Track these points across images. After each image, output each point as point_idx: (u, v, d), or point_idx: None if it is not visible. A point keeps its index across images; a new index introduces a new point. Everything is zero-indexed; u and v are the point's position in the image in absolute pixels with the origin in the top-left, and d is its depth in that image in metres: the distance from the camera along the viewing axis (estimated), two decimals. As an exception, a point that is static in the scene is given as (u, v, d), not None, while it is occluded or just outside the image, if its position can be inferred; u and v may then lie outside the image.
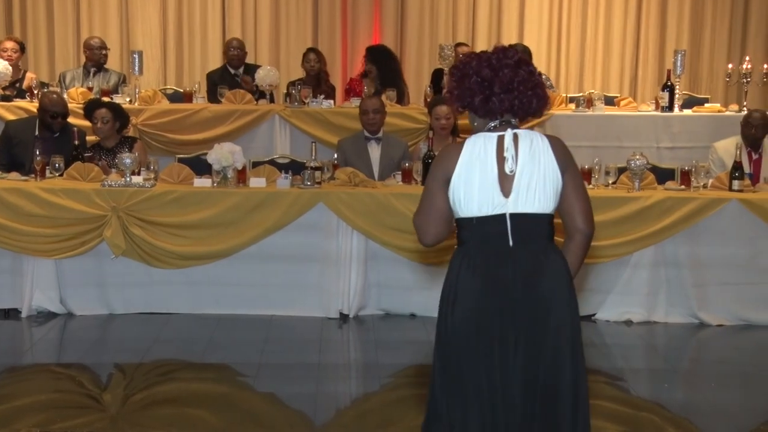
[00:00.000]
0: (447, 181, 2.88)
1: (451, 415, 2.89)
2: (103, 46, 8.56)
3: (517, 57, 2.93)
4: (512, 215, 2.85)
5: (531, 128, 3.04)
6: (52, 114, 6.72)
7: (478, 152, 2.87)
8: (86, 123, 6.87)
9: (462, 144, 2.91)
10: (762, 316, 6.03)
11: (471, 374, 2.86)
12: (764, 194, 6.08)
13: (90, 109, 6.69)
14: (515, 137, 2.87)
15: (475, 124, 2.99)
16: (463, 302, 2.86)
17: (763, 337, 5.88)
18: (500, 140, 2.88)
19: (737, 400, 4.76)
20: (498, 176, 2.85)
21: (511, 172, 2.84)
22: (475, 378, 2.86)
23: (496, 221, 2.85)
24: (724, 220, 5.97)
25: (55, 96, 6.94)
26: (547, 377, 2.87)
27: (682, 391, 5.04)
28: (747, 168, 6.59)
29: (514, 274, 2.85)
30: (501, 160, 2.85)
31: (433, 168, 2.96)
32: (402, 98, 8.19)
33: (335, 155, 6.74)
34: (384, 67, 8.35)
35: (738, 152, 6.26)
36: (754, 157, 6.84)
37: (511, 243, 2.86)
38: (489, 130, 2.92)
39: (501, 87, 2.87)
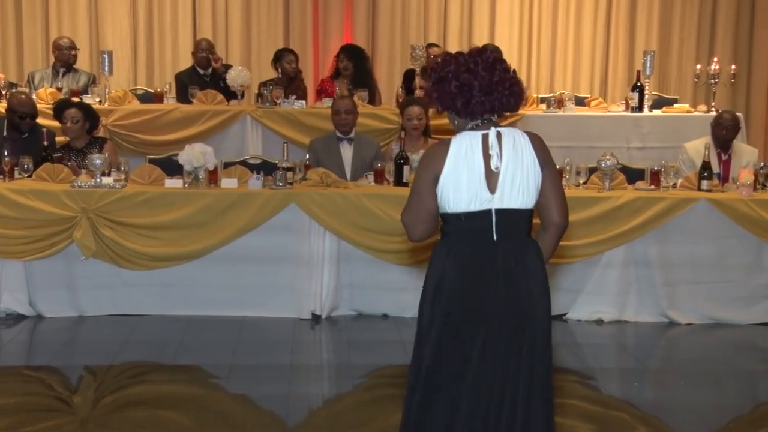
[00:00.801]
0: (436, 180, 2.99)
1: (432, 408, 3.02)
2: (73, 47, 8.49)
3: (493, 57, 3.03)
4: (497, 210, 2.99)
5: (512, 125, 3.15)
6: (21, 114, 6.66)
7: (464, 151, 2.98)
8: (55, 123, 6.82)
9: (448, 143, 3.01)
10: (730, 315, 6.09)
11: (453, 362, 2.98)
12: (732, 194, 6.14)
13: (59, 109, 6.64)
14: (499, 135, 2.99)
15: (456, 123, 3.10)
16: (445, 296, 2.99)
17: (731, 335, 5.94)
18: (485, 138, 2.99)
19: (706, 399, 4.80)
20: (485, 173, 2.97)
21: (497, 169, 2.97)
22: (457, 367, 2.98)
23: (482, 216, 2.98)
24: (693, 219, 6.02)
25: (23, 96, 6.88)
26: (526, 367, 3.00)
27: (652, 389, 5.08)
28: (716, 168, 6.65)
29: (497, 267, 2.98)
30: (486, 157, 2.97)
31: (422, 167, 3.05)
32: (374, 99, 8.19)
33: (307, 156, 6.73)
34: (358, 66, 8.36)
35: (707, 152, 6.32)
36: (723, 158, 6.91)
37: (495, 237, 2.99)
38: (472, 129, 3.03)
39: (480, 90, 2.98)
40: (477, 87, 2.98)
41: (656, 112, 8.22)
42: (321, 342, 5.83)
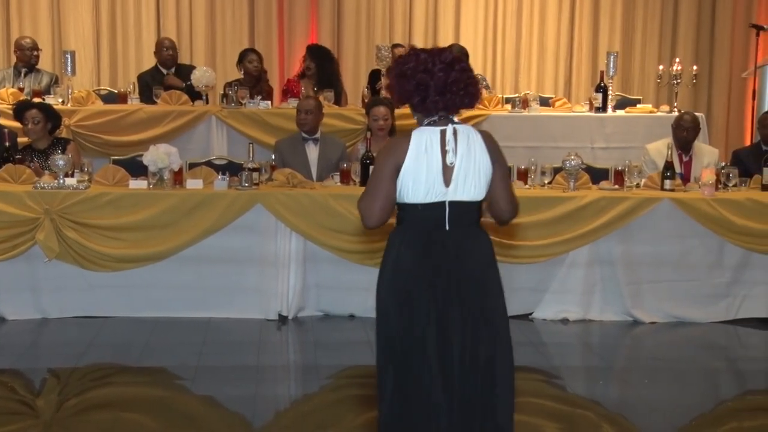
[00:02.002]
0: (397, 170, 3.15)
1: (393, 390, 3.19)
2: (35, 47, 8.40)
3: (451, 58, 3.20)
4: (450, 203, 3.18)
5: (466, 124, 3.29)
6: None
7: (424, 145, 3.15)
8: (17, 124, 6.75)
9: (408, 137, 3.19)
10: (693, 313, 6.16)
11: (409, 342, 3.16)
12: (695, 194, 6.22)
13: (20, 110, 6.57)
14: (455, 132, 3.19)
15: (416, 116, 3.28)
16: (403, 277, 3.19)
17: (694, 333, 6.01)
18: (442, 134, 3.18)
19: (670, 396, 4.84)
20: (441, 168, 3.15)
21: (452, 164, 3.15)
22: (415, 346, 3.16)
23: (436, 207, 3.18)
24: (656, 219, 6.09)
25: None
26: (481, 346, 3.19)
27: (616, 388, 5.12)
28: (678, 169, 6.71)
29: (448, 254, 3.19)
30: (443, 152, 3.15)
31: (384, 157, 3.20)
32: (339, 99, 8.19)
33: (273, 156, 6.72)
34: (323, 66, 8.34)
35: (669, 152, 6.39)
36: (685, 159, 6.98)
37: (447, 227, 3.19)
38: (431, 124, 3.21)
39: (435, 90, 3.16)
40: (432, 87, 3.15)
41: (620, 113, 8.29)
42: (287, 343, 5.82)
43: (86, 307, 5.91)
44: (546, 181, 6.31)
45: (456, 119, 3.24)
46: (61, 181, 5.86)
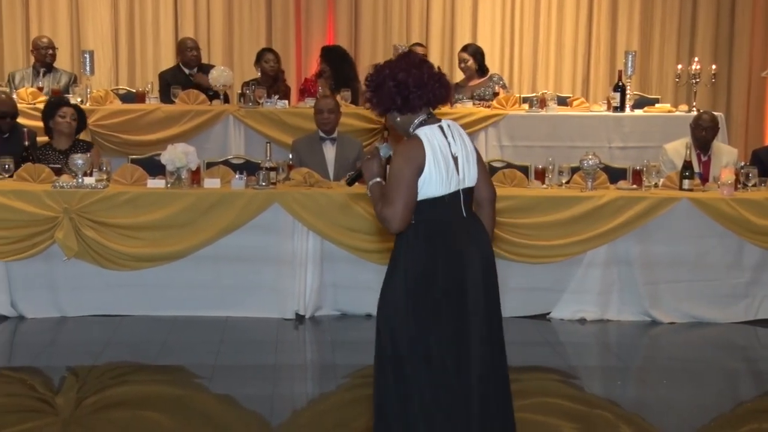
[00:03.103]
0: (420, 172, 3.29)
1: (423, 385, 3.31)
2: (51, 46, 8.44)
3: (419, 58, 3.42)
4: (463, 190, 3.38)
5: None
6: (1, 114, 6.62)
7: (436, 143, 3.32)
8: (37, 123, 6.78)
9: (419, 138, 3.33)
10: (712, 314, 6.13)
11: (451, 332, 3.30)
12: (714, 194, 6.18)
13: (57, 104, 6.58)
14: (449, 126, 3.40)
15: (399, 120, 3.42)
16: (440, 275, 3.29)
17: (712, 334, 5.98)
18: (441, 129, 3.37)
19: (688, 397, 4.82)
20: (452, 159, 3.35)
21: (456, 154, 3.36)
22: (454, 334, 3.30)
23: (455, 197, 3.35)
24: (674, 219, 6.06)
25: (3, 96, 6.84)
26: (497, 327, 3.39)
27: (634, 388, 5.10)
28: (697, 169, 6.68)
29: (473, 241, 3.37)
30: (447, 145, 3.35)
31: (405, 162, 3.29)
32: (357, 98, 8.19)
33: (290, 156, 6.72)
34: (338, 67, 8.35)
35: (688, 152, 6.36)
36: (703, 158, 6.94)
37: (464, 214, 3.38)
38: (424, 123, 3.38)
39: (415, 85, 3.32)
40: (412, 83, 3.31)
41: (638, 112, 8.26)
42: (305, 342, 5.83)
43: (104, 305, 5.93)
44: (563, 181, 6.29)
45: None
46: (80, 180, 5.88)
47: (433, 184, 3.30)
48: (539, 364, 5.33)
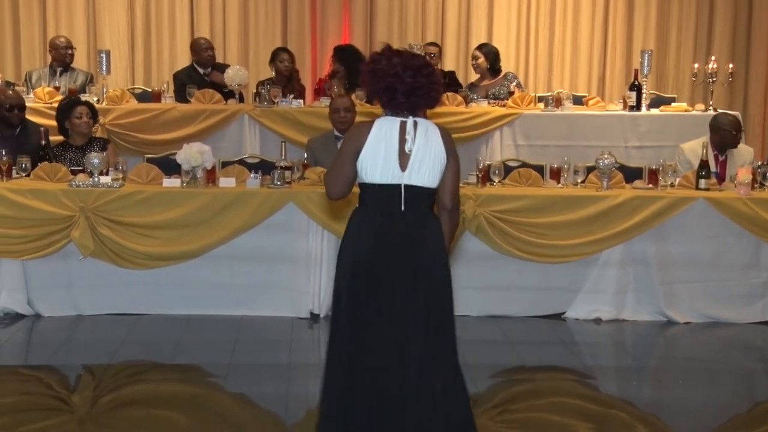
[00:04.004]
0: (357, 153, 3.53)
1: (345, 341, 3.56)
2: (69, 46, 8.49)
3: (419, 64, 3.55)
4: (406, 186, 3.52)
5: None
6: (8, 107, 6.64)
7: (384, 133, 3.52)
8: (52, 122, 6.82)
9: (371, 123, 3.57)
10: (728, 314, 6.10)
11: (363, 306, 3.50)
12: (730, 193, 6.15)
13: (71, 104, 6.63)
14: (415, 124, 3.54)
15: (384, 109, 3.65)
16: (360, 249, 3.55)
17: (729, 334, 5.95)
18: (402, 125, 3.54)
19: (704, 397, 4.80)
20: (398, 153, 3.51)
21: (409, 151, 3.51)
22: (366, 310, 3.50)
23: (392, 189, 3.53)
24: (691, 218, 6.03)
25: (9, 91, 6.88)
26: (425, 310, 3.49)
27: (650, 388, 5.08)
28: (714, 168, 6.64)
29: (400, 231, 3.52)
30: (402, 140, 3.51)
31: (346, 141, 3.62)
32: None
33: (305, 155, 6.73)
34: (352, 67, 8.35)
35: (704, 151, 6.32)
36: (720, 158, 6.90)
37: (402, 208, 3.53)
38: (394, 115, 3.57)
39: (402, 94, 3.51)
40: (400, 91, 3.50)
41: (654, 111, 8.22)
42: (319, 341, 5.82)
43: (120, 304, 5.95)
44: (579, 180, 6.28)
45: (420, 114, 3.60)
46: (96, 179, 5.91)
47: (369, 169, 3.51)
48: (554, 364, 5.32)
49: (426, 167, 3.51)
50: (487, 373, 5.02)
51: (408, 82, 3.49)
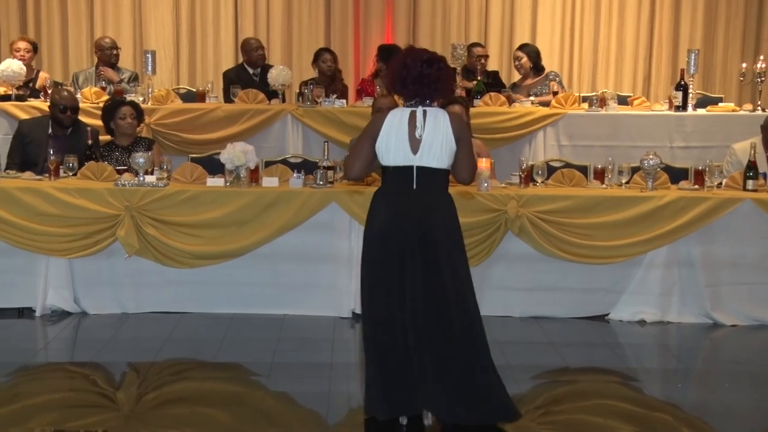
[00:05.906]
0: (374, 138, 4.08)
1: (370, 303, 4.10)
2: (114, 46, 8.59)
3: (428, 57, 4.08)
4: (418, 167, 4.04)
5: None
6: (62, 108, 6.75)
7: (396, 121, 4.06)
8: (98, 122, 6.91)
9: (385, 116, 4.09)
10: (775, 317, 6.01)
11: (384, 273, 4.03)
12: (778, 194, 6.06)
13: (116, 105, 6.72)
14: (424, 113, 4.05)
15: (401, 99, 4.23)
16: (379, 224, 4.07)
17: (777, 337, 5.87)
18: (412, 114, 4.06)
19: (750, 401, 4.74)
20: (408, 139, 4.03)
21: (419, 136, 4.02)
22: (387, 277, 4.03)
23: (406, 171, 4.05)
24: (737, 219, 5.95)
25: (65, 92, 6.97)
26: (436, 273, 4.00)
27: (695, 391, 5.02)
28: (763, 169, 6.53)
29: (415, 208, 4.03)
30: (413, 127, 4.03)
31: (366, 127, 4.20)
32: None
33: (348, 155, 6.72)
34: (392, 67, 8.34)
35: (753, 152, 6.22)
36: (771, 159, 6.79)
37: (415, 187, 4.04)
38: (406, 106, 4.12)
39: (411, 81, 4.06)
40: (409, 79, 4.05)
41: (700, 111, 8.12)
42: (360, 340, 5.82)
43: (164, 302, 6.01)
44: (623, 181, 6.21)
45: (435, 104, 4.11)
46: (141, 178, 5.97)
47: (384, 152, 4.05)
48: (598, 366, 5.28)
49: (435, 150, 4.01)
50: (529, 375, 4.99)
51: (416, 71, 4.03)
